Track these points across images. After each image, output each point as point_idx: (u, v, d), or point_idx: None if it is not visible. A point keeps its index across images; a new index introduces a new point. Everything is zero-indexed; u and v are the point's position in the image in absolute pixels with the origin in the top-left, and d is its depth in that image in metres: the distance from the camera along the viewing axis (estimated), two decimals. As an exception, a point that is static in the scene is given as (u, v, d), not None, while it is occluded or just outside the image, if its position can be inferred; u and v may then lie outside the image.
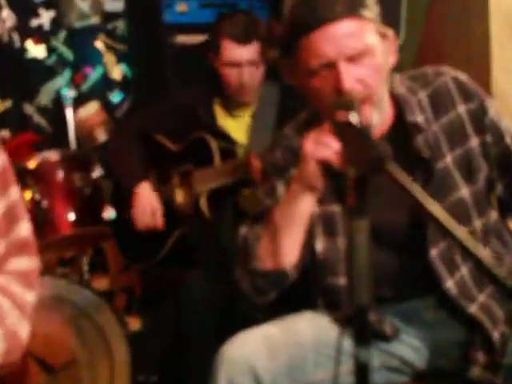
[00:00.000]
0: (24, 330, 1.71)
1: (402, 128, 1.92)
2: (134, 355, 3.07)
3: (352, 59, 1.75)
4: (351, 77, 1.75)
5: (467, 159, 1.94)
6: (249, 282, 1.98)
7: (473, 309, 1.85)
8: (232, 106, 3.06)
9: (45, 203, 2.92)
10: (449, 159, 1.93)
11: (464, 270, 1.89)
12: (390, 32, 1.85)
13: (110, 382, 3.01)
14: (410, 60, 3.14)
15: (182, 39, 3.82)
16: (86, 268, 3.36)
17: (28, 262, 1.77)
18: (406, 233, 1.89)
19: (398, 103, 1.93)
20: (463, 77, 2.00)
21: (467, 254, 1.87)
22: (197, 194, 2.98)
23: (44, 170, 2.96)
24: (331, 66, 1.75)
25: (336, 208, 1.95)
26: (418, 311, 1.85)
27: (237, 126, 3.08)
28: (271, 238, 1.93)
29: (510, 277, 1.94)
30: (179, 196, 3.08)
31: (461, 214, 1.89)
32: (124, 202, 3.18)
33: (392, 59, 1.88)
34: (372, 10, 1.81)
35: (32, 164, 2.93)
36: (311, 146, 1.73)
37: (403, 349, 1.82)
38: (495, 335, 1.83)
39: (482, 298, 1.90)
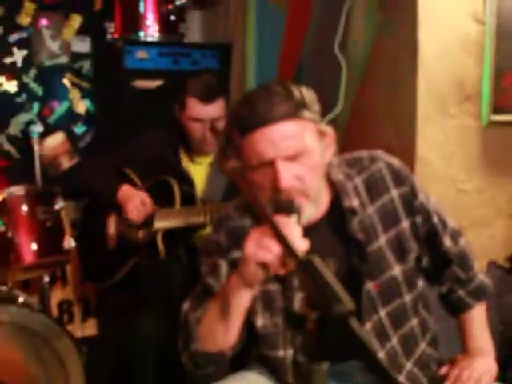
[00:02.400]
0: None
1: (338, 211, 1.92)
2: (89, 359, 3.04)
3: (290, 158, 1.75)
4: (289, 175, 1.75)
5: (399, 240, 1.95)
6: (188, 358, 1.96)
7: (401, 378, 1.88)
8: (194, 153, 3.09)
9: (10, 233, 2.92)
10: (382, 240, 1.93)
11: (394, 341, 1.90)
12: (328, 129, 1.85)
13: None
14: (343, 125, 3.18)
15: (141, 83, 3.84)
16: (46, 286, 3.35)
17: None
18: None
19: (335, 189, 1.93)
20: (396, 162, 2.01)
21: (397, 327, 1.93)
22: (155, 231, 2.99)
23: (9, 204, 2.96)
24: (270, 164, 1.75)
25: (274, 287, 1.92)
26: (351, 373, 1.83)
27: (197, 171, 3.10)
28: (210, 324, 1.90)
29: (433, 345, 2.05)
30: (139, 230, 3.07)
31: (393, 290, 1.93)
32: (88, 228, 3.24)
33: (329, 153, 1.87)
34: (312, 110, 1.81)
35: None
36: (252, 248, 1.67)
37: None
38: None
39: (408, 365, 1.93)
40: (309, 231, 1.59)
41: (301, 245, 1.47)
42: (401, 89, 3.00)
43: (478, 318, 2.05)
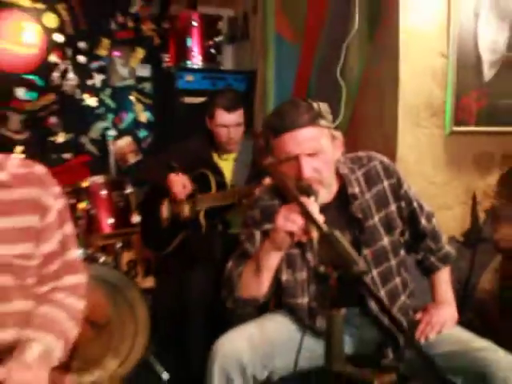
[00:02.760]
0: (74, 334, 1.68)
1: (344, 197, 1.94)
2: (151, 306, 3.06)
3: (310, 155, 1.77)
4: (309, 167, 1.78)
5: (388, 219, 1.97)
6: (232, 303, 1.98)
7: (386, 321, 1.90)
8: (221, 152, 3.06)
9: (93, 211, 2.98)
10: (376, 219, 1.95)
11: (382, 293, 1.91)
12: (338, 134, 1.88)
13: (134, 337, 2.99)
14: (344, 128, 3.11)
15: (188, 99, 3.82)
16: (118, 250, 3.37)
17: (77, 279, 1.75)
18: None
19: (342, 179, 1.95)
20: (387, 160, 2.03)
21: (385, 283, 1.92)
22: (198, 210, 2.98)
23: (92, 189, 3.01)
24: (296, 159, 1.78)
25: (296, 251, 1.94)
26: (351, 317, 1.83)
27: (225, 165, 3.08)
28: (249, 278, 1.92)
29: (410, 297, 2.02)
30: (186, 210, 3.01)
31: (383, 256, 1.95)
32: (149, 209, 3.18)
33: (338, 152, 1.90)
34: (326, 119, 1.82)
35: (85, 184, 2.99)
36: (282, 220, 1.70)
37: None
38: (401, 339, 1.87)
39: (394, 310, 1.94)
40: (322, 210, 1.60)
41: (319, 219, 1.46)
42: (385, 106, 3.02)
43: (443, 278, 2.07)
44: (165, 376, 3.06)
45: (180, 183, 2.90)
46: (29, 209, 1.60)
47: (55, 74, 3.90)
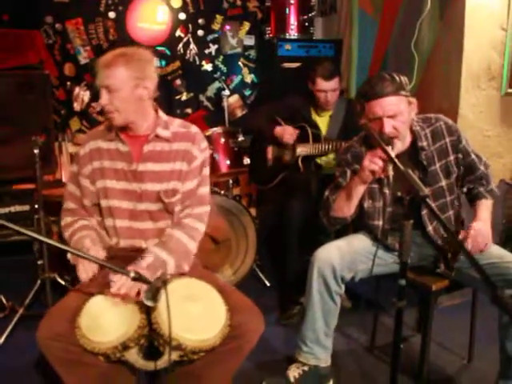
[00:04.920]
0: (194, 251, 1.84)
1: (414, 148, 2.07)
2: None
3: (390, 117, 1.92)
4: (389, 125, 1.92)
5: (447, 167, 2.07)
6: (327, 220, 2.19)
7: (440, 241, 2.07)
8: (319, 110, 3.16)
9: (215, 155, 3.17)
10: (437, 166, 2.06)
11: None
12: (414, 100, 1.99)
13: (246, 252, 3.24)
14: (414, 91, 3.09)
15: (286, 65, 3.87)
16: (230, 186, 3.52)
17: (204, 209, 1.89)
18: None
19: (414, 135, 2.07)
20: (450, 121, 2.10)
21: (441, 214, 2.04)
22: (297, 156, 3.09)
23: (213, 138, 3.19)
24: (380, 119, 1.93)
25: (375, 185, 2.10)
26: (414, 237, 1.81)
27: (322, 121, 3.17)
28: (341, 202, 2.09)
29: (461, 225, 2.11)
30: (287, 155, 3.15)
31: (440, 193, 2.07)
32: (256, 152, 3.31)
33: (413, 114, 2.00)
34: (406, 89, 1.95)
35: (208, 133, 3.13)
36: (367, 162, 1.88)
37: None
38: (449, 254, 2.03)
39: (445, 235, 2.06)
40: (398, 156, 1.70)
41: (396, 160, 1.54)
42: (451, 73, 3.13)
43: (485, 205, 2.12)
44: (267, 283, 3.36)
45: (288, 132, 3.06)
46: (181, 157, 1.85)
47: (180, 46, 4.14)
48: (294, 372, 2.19)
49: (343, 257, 2.05)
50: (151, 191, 1.85)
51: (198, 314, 1.63)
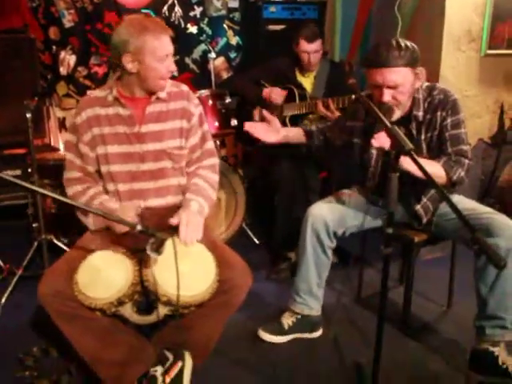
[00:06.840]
0: (214, 198, 1.94)
1: (409, 115, 2.06)
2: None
3: (390, 87, 1.91)
4: (388, 95, 1.92)
5: (431, 141, 2.06)
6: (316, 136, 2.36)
7: (424, 199, 2.13)
8: (303, 70, 3.18)
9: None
10: (422, 137, 2.06)
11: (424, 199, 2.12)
12: (421, 70, 1.95)
13: (235, 211, 3.27)
14: None
15: (271, 27, 3.84)
16: (218, 147, 3.40)
17: (213, 161, 2.00)
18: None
19: (413, 102, 2.04)
20: (452, 97, 2.02)
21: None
22: (284, 116, 3.12)
23: (201, 99, 3.10)
24: (380, 87, 1.92)
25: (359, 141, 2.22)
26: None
27: (306, 81, 3.20)
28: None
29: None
30: (274, 115, 2.70)
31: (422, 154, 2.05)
32: (242, 114, 3.25)
33: (418, 84, 1.98)
34: (415, 59, 1.90)
35: (196, 96, 2.37)
36: (376, 140, 1.86)
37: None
38: (429, 213, 2.12)
39: (424, 199, 2.14)
40: (395, 123, 1.62)
41: (386, 121, 1.48)
42: (433, 35, 3.16)
43: (430, 161, 2.01)
44: (257, 241, 3.41)
45: (276, 93, 3.11)
46: (180, 115, 1.89)
47: (165, 8, 4.03)
48: (287, 319, 2.27)
49: (335, 213, 2.14)
50: (153, 150, 1.88)
51: (187, 271, 1.65)
